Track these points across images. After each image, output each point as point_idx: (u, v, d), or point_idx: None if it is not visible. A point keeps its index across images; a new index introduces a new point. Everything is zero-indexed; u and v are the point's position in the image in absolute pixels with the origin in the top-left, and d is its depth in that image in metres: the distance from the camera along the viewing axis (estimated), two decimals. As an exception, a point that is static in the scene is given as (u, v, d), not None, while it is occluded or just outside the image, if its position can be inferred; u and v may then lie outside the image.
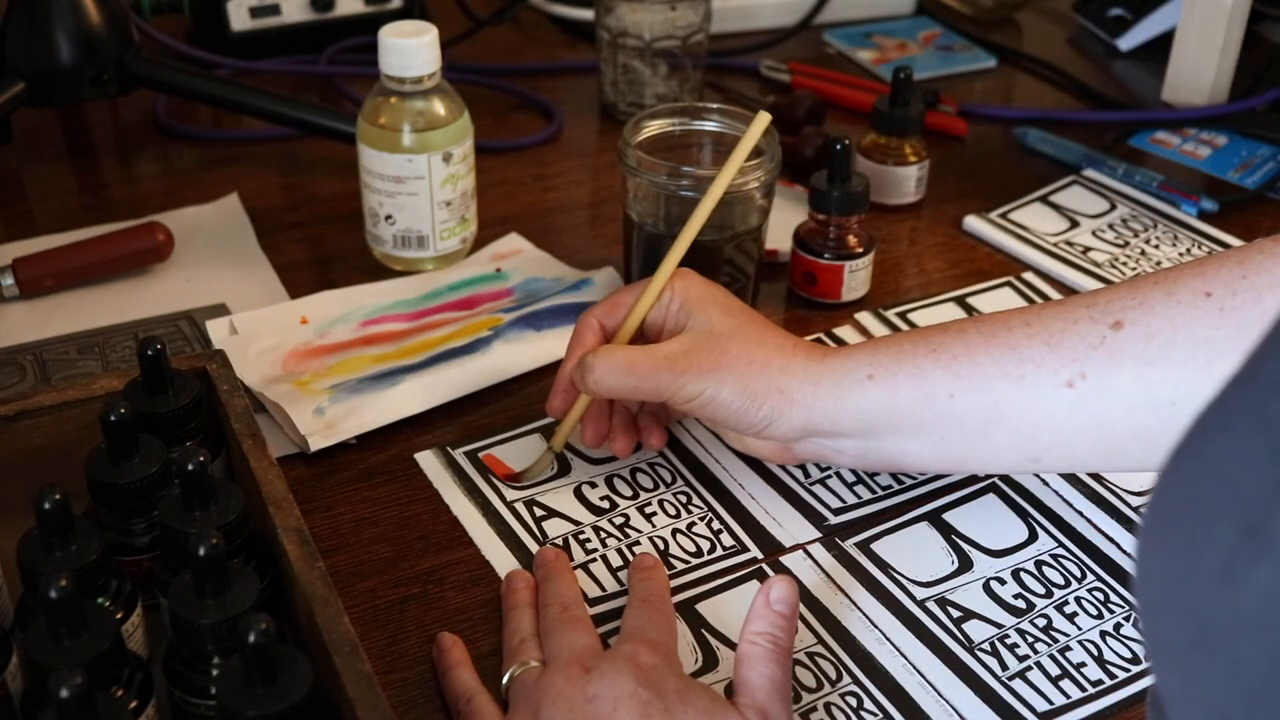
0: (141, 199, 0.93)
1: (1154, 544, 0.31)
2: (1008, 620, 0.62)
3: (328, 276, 0.85)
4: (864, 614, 0.62)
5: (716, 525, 0.67)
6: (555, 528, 0.66)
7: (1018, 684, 0.59)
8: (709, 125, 0.80)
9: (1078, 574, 0.64)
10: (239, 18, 1.10)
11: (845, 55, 1.18)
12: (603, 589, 0.63)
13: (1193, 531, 0.29)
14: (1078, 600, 0.63)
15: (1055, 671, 0.59)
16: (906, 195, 0.94)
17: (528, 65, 1.14)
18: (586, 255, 0.88)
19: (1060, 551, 0.65)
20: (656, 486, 0.69)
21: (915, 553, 0.65)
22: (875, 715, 0.57)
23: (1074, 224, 0.92)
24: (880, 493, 0.69)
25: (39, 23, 0.90)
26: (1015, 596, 0.63)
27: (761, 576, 0.64)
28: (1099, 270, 0.87)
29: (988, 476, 0.70)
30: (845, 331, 0.81)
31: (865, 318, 0.82)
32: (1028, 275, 0.87)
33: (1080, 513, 0.68)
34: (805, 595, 0.62)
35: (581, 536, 0.66)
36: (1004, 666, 0.59)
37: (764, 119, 0.71)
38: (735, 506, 0.68)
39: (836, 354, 0.63)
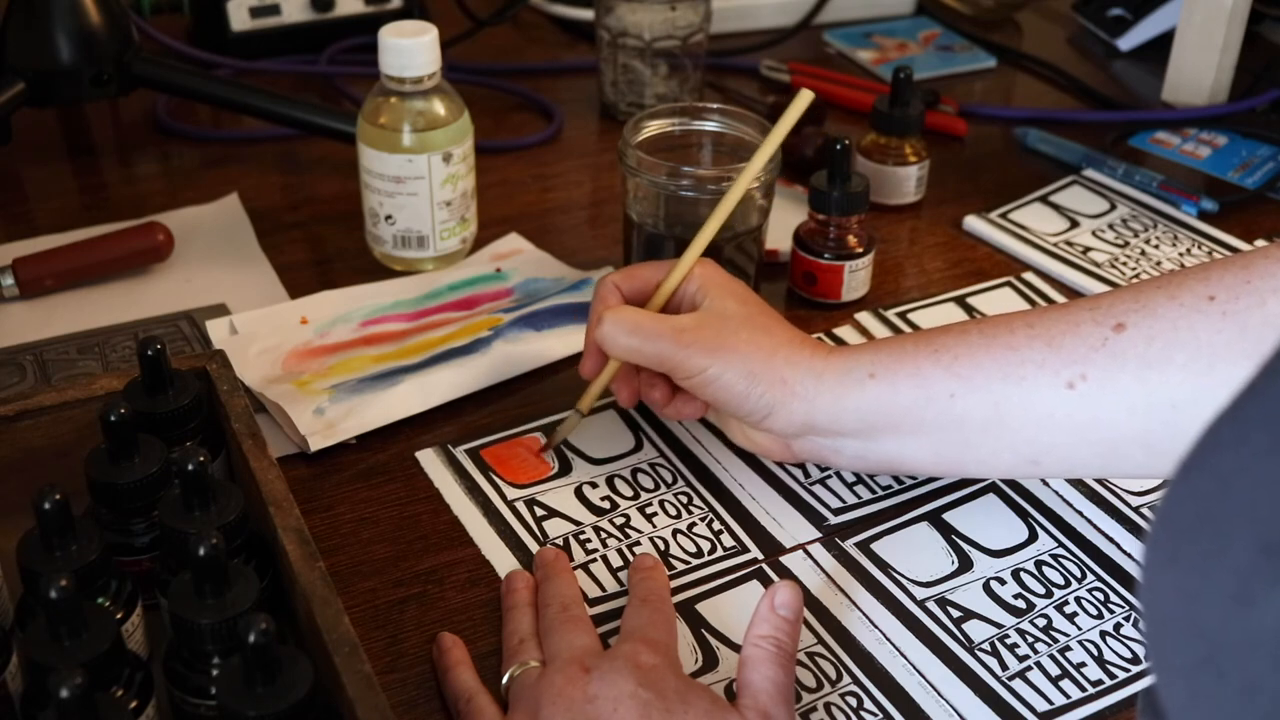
0: (141, 199, 0.93)
1: (1164, 559, 0.31)
2: (1008, 620, 0.62)
3: (328, 276, 0.85)
4: (864, 614, 0.62)
5: (717, 526, 0.67)
6: (556, 528, 0.66)
7: (1018, 684, 0.59)
8: (709, 125, 0.80)
9: (1078, 574, 0.64)
10: (239, 18, 1.10)
11: (845, 55, 1.18)
12: (603, 589, 0.63)
13: (1206, 549, 0.29)
14: (1078, 600, 0.63)
15: (1055, 671, 0.59)
16: (906, 195, 0.94)
17: (528, 65, 1.14)
18: (586, 255, 0.88)
19: (1060, 551, 0.65)
20: (657, 487, 0.69)
21: (915, 553, 0.65)
22: (875, 715, 0.57)
23: (1074, 224, 0.92)
24: (880, 493, 0.69)
25: (39, 23, 0.90)
26: (1015, 596, 0.63)
27: (762, 577, 0.64)
28: (1099, 270, 0.87)
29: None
30: (845, 331, 0.81)
31: (865, 318, 0.82)
32: (1028, 275, 0.87)
33: (1080, 513, 0.67)
34: (805, 595, 0.62)
35: (582, 536, 0.66)
36: (1004, 666, 0.59)
37: (806, 96, 0.70)
38: (736, 507, 0.68)
39: (840, 352, 0.64)
